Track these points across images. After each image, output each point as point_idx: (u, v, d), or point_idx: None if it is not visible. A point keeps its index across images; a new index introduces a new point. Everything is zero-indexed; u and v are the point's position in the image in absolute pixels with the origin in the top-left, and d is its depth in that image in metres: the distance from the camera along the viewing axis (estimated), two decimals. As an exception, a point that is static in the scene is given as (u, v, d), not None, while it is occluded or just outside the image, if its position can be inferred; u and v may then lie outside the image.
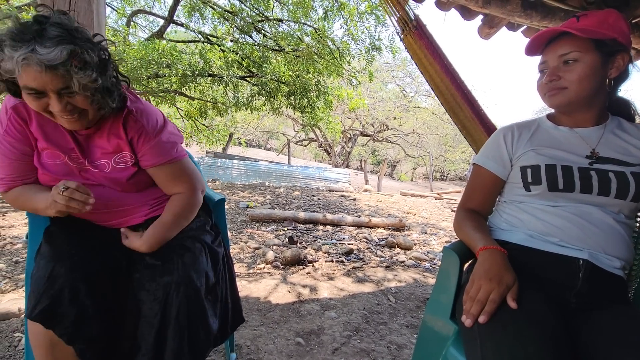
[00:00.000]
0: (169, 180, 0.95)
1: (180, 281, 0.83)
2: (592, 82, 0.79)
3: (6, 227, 3.06)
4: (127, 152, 0.89)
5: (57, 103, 0.73)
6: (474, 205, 0.96)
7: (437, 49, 1.75)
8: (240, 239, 3.18)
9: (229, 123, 11.68)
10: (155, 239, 0.90)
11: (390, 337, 1.60)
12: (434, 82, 1.80)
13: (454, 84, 1.73)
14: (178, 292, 0.82)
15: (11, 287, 1.93)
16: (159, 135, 0.90)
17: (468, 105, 1.73)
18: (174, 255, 0.88)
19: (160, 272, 0.85)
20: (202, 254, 0.92)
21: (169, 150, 0.92)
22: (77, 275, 0.77)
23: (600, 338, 0.66)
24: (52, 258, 0.79)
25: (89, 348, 0.78)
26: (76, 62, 0.70)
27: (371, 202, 6.32)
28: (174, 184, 0.96)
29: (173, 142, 0.94)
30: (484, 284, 0.70)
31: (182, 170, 0.96)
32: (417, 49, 1.78)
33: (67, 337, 0.76)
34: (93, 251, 0.85)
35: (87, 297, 0.77)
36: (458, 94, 1.73)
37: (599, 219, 0.77)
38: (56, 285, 0.75)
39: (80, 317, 0.76)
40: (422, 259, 2.94)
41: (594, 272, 0.74)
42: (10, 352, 1.32)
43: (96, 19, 1.42)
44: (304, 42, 5.87)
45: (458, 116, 1.78)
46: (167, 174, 0.94)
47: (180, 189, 0.96)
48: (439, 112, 15.01)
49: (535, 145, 0.87)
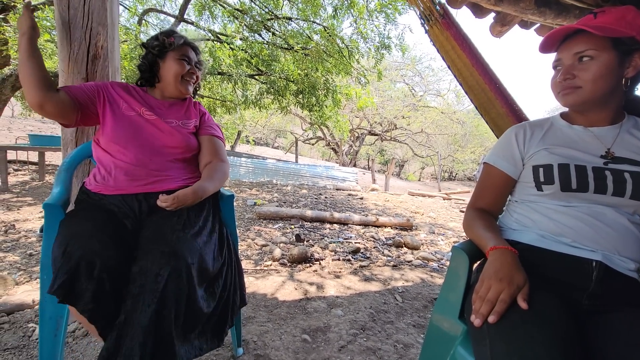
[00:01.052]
0: (213, 150, 1.21)
1: (172, 253, 0.85)
2: (607, 81, 0.77)
3: (21, 221, 3.13)
4: (194, 119, 1.23)
5: (195, 69, 1.23)
6: (484, 204, 0.95)
7: (465, 39, 1.61)
8: (247, 236, 3.21)
9: (238, 121, 11.75)
10: (200, 186, 1.04)
11: (397, 336, 1.60)
12: (462, 77, 1.66)
13: (485, 78, 1.58)
14: (169, 263, 0.83)
15: (25, 279, 1.98)
16: (214, 122, 1.31)
17: (501, 101, 1.57)
18: (172, 231, 0.92)
19: (155, 245, 0.88)
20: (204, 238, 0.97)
21: (219, 131, 1.29)
22: (90, 250, 0.80)
23: (613, 341, 0.65)
24: (64, 238, 0.83)
25: (108, 325, 0.79)
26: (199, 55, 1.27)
27: (378, 201, 6.30)
28: (216, 153, 1.21)
29: (219, 129, 1.31)
30: (494, 284, 0.69)
31: (222, 147, 1.26)
32: (443, 40, 1.64)
33: (89, 313, 0.78)
34: (106, 233, 0.87)
35: (103, 271, 0.79)
36: (489, 89, 1.58)
37: (613, 220, 0.75)
38: (72, 261, 0.78)
39: (99, 292, 0.78)
40: (429, 259, 2.93)
41: (607, 274, 0.72)
42: (25, 342, 1.36)
43: (110, 17, 1.44)
44: (313, 40, 5.87)
45: (489, 113, 1.62)
46: (214, 144, 1.23)
47: (218, 159, 1.21)
48: (448, 112, 14.87)
49: (548, 144, 0.86)
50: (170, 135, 1.12)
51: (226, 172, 1.20)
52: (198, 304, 0.87)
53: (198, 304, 0.88)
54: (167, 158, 1.11)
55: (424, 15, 1.70)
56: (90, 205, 1.01)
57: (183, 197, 0.98)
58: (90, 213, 0.95)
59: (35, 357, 1.27)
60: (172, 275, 0.83)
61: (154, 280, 0.81)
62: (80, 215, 0.94)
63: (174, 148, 1.12)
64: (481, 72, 1.58)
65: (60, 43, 1.36)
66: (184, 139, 1.14)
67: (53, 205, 1.00)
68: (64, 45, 1.36)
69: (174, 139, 1.12)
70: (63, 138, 1.46)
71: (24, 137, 6.25)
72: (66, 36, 1.35)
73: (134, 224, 0.99)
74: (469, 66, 1.60)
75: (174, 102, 1.23)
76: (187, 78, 1.20)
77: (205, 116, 1.27)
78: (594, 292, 0.73)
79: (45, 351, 1.00)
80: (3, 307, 1.57)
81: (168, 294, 0.81)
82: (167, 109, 1.20)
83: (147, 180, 1.05)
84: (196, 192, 1.01)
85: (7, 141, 8.74)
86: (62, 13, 1.34)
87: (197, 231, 0.97)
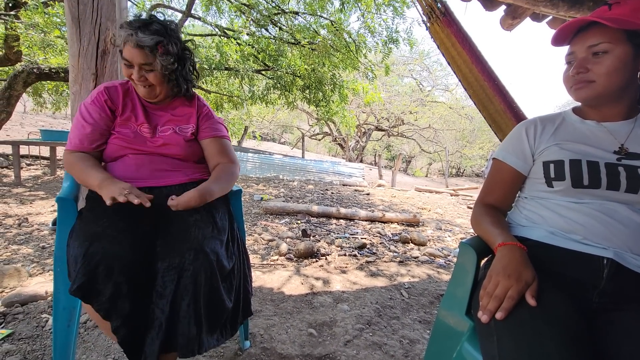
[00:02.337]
0: (218, 152, 1.15)
1: (200, 249, 0.88)
2: (622, 75, 0.75)
3: (34, 215, 3.20)
4: (192, 124, 1.13)
5: (137, 74, 1.01)
6: (492, 200, 0.94)
7: (465, 37, 1.63)
8: (254, 231, 3.23)
9: (244, 116, 11.78)
10: (205, 188, 1.00)
11: (403, 331, 1.60)
12: (461, 73, 1.68)
13: (483, 75, 1.60)
14: (196, 259, 0.86)
15: (38, 271, 2.03)
16: (216, 118, 1.20)
17: (499, 98, 1.59)
18: (194, 228, 0.94)
19: (180, 241, 0.89)
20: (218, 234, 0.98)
21: (222, 129, 1.19)
22: (111, 254, 0.82)
23: (623, 340, 0.64)
24: (86, 238, 0.85)
25: (124, 325, 0.81)
26: (161, 50, 1.00)
27: (385, 197, 6.28)
28: (221, 155, 1.15)
29: (223, 125, 1.21)
30: (502, 280, 0.69)
31: (229, 147, 1.19)
32: (444, 37, 1.67)
33: (104, 312, 0.81)
34: (124, 232, 0.89)
35: (120, 274, 0.81)
36: (488, 85, 1.60)
37: (626, 217, 0.74)
38: (92, 263, 0.80)
39: (115, 293, 0.80)
40: (436, 255, 2.91)
41: (619, 272, 0.71)
42: (39, 332, 1.40)
43: (118, 12, 1.45)
44: (319, 35, 5.83)
45: (488, 109, 1.65)
46: (219, 145, 1.16)
47: (227, 160, 1.15)
48: (456, 107, 14.68)
49: (559, 140, 0.84)
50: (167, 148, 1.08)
51: (234, 173, 1.14)
52: (222, 299, 0.91)
53: (222, 298, 0.91)
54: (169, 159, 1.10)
55: (425, 12, 1.72)
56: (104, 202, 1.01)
57: (187, 200, 0.94)
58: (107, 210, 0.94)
59: (48, 346, 1.31)
60: (200, 272, 0.86)
61: (184, 276, 0.85)
62: (98, 212, 0.94)
63: (173, 156, 1.10)
64: (480, 70, 1.61)
65: (70, 39, 1.38)
66: (182, 150, 1.10)
67: (66, 199, 1.02)
68: (74, 41, 1.37)
69: (170, 150, 1.09)
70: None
71: (35, 133, 6.37)
72: (76, 32, 1.37)
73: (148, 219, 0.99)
74: (469, 63, 1.62)
75: (167, 104, 1.14)
76: (137, 82, 1.04)
77: (204, 115, 1.17)
78: (605, 289, 0.72)
79: (59, 341, 1.03)
80: (17, 298, 1.61)
81: (198, 289, 0.85)
82: (158, 113, 1.12)
83: (152, 176, 1.06)
84: (202, 195, 0.97)
85: (19, 136, 8.91)
86: (72, 9, 1.35)
87: (219, 229, 0.99)
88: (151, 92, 1.06)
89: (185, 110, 1.14)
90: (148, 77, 1.02)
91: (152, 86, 1.05)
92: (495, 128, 1.65)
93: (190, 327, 0.84)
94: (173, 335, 0.84)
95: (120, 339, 0.80)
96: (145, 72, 1.01)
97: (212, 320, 0.89)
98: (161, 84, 1.05)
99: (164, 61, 1.00)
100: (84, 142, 1.04)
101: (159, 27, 1.00)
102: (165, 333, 0.83)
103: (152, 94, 1.07)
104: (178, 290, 0.84)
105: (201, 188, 0.99)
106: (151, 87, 1.05)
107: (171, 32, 1.02)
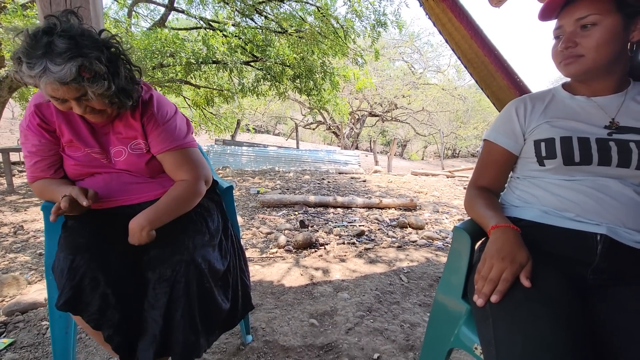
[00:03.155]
0: (174, 167, 0.97)
1: (190, 260, 0.86)
2: (611, 48, 0.73)
3: (29, 222, 3.18)
4: (140, 139, 0.95)
5: (77, 108, 0.82)
6: (485, 182, 0.93)
7: (462, 11, 1.53)
8: (252, 225, 3.23)
9: (236, 110, 11.64)
10: (148, 215, 0.88)
11: (403, 316, 1.62)
12: (460, 50, 1.59)
13: (484, 50, 1.51)
14: (188, 270, 0.85)
15: (37, 278, 2.02)
16: (167, 123, 0.96)
17: (502, 73, 1.51)
18: (185, 237, 0.91)
19: (170, 252, 0.88)
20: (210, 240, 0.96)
21: (176, 137, 0.96)
22: (96, 266, 0.81)
23: (619, 315, 0.64)
24: (71, 251, 0.83)
25: (115, 334, 0.81)
26: (87, 75, 0.77)
27: (381, 183, 6.28)
28: (179, 170, 0.97)
29: (180, 130, 0.98)
30: (496, 263, 0.68)
31: (187, 157, 0.98)
32: (439, 12, 1.56)
33: (94, 323, 0.80)
34: (109, 243, 0.87)
35: (107, 286, 0.80)
36: (489, 61, 1.51)
37: (618, 192, 0.73)
38: (77, 277, 0.79)
39: (104, 305, 0.80)
40: (434, 238, 2.93)
41: (612, 247, 0.71)
42: (40, 340, 1.40)
43: (93, 11, 1.40)
44: (306, 22, 5.71)
45: (490, 87, 1.57)
46: (173, 160, 0.96)
47: (184, 176, 0.97)
48: (449, 88, 14.58)
49: (549, 117, 0.83)
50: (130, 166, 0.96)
51: (190, 192, 0.96)
52: (217, 303, 0.91)
53: (217, 302, 0.91)
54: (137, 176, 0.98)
55: None
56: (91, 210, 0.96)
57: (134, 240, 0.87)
58: (92, 219, 0.93)
59: (50, 353, 1.31)
60: (192, 282, 0.85)
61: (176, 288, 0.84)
62: (83, 222, 0.91)
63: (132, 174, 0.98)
64: (480, 45, 1.51)
65: (46, 40, 1.33)
66: (144, 171, 0.97)
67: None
68: (50, 43, 1.32)
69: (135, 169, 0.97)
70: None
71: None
72: (51, 33, 1.31)
73: None
74: (468, 39, 1.52)
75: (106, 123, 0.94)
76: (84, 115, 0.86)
77: (151, 125, 0.94)
78: (599, 266, 0.72)
79: (58, 348, 1.03)
80: (17, 306, 1.61)
81: (191, 299, 0.85)
82: (104, 134, 0.95)
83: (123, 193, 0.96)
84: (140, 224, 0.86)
85: (9, 143, 8.78)
86: (44, 8, 1.30)
87: (211, 234, 0.98)
88: (103, 116, 0.89)
89: (130, 124, 0.94)
90: (94, 105, 0.83)
91: (102, 111, 0.86)
92: (499, 106, 1.57)
93: (186, 335, 0.83)
94: (168, 343, 0.84)
95: (114, 346, 0.80)
96: (85, 101, 0.82)
97: (208, 323, 0.89)
98: (111, 105, 0.86)
99: (97, 89, 0.79)
100: (37, 173, 0.95)
101: (67, 43, 0.74)
102: (160, 343, 0.83)
103: (105, 119, 0.90)
104: (171, 302, 0.84)
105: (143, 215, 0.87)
106: (101, 112, 0.87)
107: (83, 40, 0.77)
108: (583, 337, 0.58)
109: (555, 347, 0.55)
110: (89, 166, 0.94)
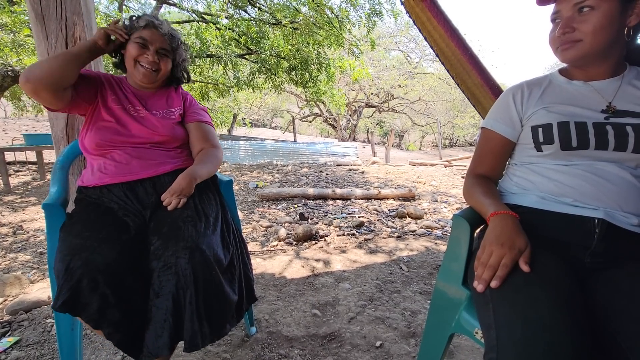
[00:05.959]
0: (203, 136, 1.18)
1: (195, 247, 0.87)
2: (609, 32, 0.73)
3: (28, 221, 3.17)
4: (178, 107, 1.18)
5: (152, 55, 1.07)
6: (483, 170, 0.94)
7: (439, 11, 1.62)
8: (252, 219, 3.24)
9: (232, 104, 11.57)
10: (192, 170, 1.04)
11: (404, 304, 1.64)
12: (438, 48, 1.67)
13: (460, 49, 1.61)
14: (193, 257, 0.86)
15: (39, 277, 2.03)
16: (200, 106, 1.26)
17: (476, 71, 1.61)
18: (188, 225, 0.92)
19: (174, 240, 0.88)
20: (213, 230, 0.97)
21: (206, 116, 1.24)
22: (93, 267, 0.80)
23: (617, 296, 0.65)
24: (68, 252, 0.83)
25: (116, 331, 0.81)
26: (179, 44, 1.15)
27: (380, 174, 6.29)
28: (206, 139, 1.18)
29: (206, 113, 1.26)
30: (495, 249, 0.69)
31: (212, 133, 1.23)
32: (419, 11, 1.64)
33: (94, 322, 0.80)
34: (106, 242, 0.87)
35: (106, 286, 0.80)
36: (465, 60, 1.61)
37: (615, 175, 0.74)
38: (74, 278, 0.79)
39: (103, 305, 0.80)
40: (433, 227, 2.96)
41: (610, 231, 0.72)
42: (45, 337, 1.41)
43: (84, 5, 1.38)
44: (301, 13, 5.64)
45: (466, 83, 1.67)
46: (203, 130, 1.19)
47: (209, 145, 1.17)
48: (445, 77, 14.50)
49: (546, 103, 0.83)
50: (154, 131, 1.08)
51: (219, 157, 1.17)
52: (226, 293, 0.92)
53: (226, 292, 0.92)
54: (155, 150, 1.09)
55: None
56: (90, 206, 0.99)
57: (178, 187, 0.98)
58: (90, 217, 0.93)
59: (56, 350, 1.32)
60: (198, 269, 0.86)
61: (182, 274, 0.84)
62: (80, 222, 0.92)
63: (160, 144, 1.10)
64: (457, 44, 1.60)
65: (37, 37, 1.31)
66: (170, 132, 1.11)
67: (53, 205, 1.00)
68: (41, 39, 1.31)
69: (159, 134, 1.09)
70: (54, 136, 1.44)
71: (19, 138, 6.20)
72: (41, 29, 1.30)
73: (137, 220, 0.98)
74: (445, 38, 1.61)
75: (156, 92, 1.18)
76: (142, 63, 1.07)
77: (188, 101, 1.22)
78: (597, 250, 0.73)
79: (64, 345, 1.04)
80: (21, 305, 1.61)
81: (198, 286, 0.85)
82: (148, 98, 1.15)
83: (142, 168, 1.04)
84: (190, 177, 1.01)
85: (3, 143, 8.70)
86: (34, 5, 1.28)
87: (212, 224, 0.98)
88: (153, 76, 1.10)
89: (172, 97, 1.20)
90: (161, 61, 1.09)
91: (157, 71, 1.10)
92: (474, 101, 1.68)
93: (192, 323, 0.84)
94: (179, 329, 0.84)
95: (116, 342, 0.81)
96: (159, 56, 1.08)
97: (218, 314, 0.89)
98: (165, 73, 1.13)
99: (180, 54, 1.15)
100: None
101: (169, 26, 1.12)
102: (173, 327, 0.83)
103: (152, 79, 1.10)
104: (178, 289, 0.84)
105: (187, 173, 1.03)
106: (156, 72, 1.10)
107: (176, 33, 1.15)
108: (582, 319, 0.59)
109: (554, 329, 0.56)
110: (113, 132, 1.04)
